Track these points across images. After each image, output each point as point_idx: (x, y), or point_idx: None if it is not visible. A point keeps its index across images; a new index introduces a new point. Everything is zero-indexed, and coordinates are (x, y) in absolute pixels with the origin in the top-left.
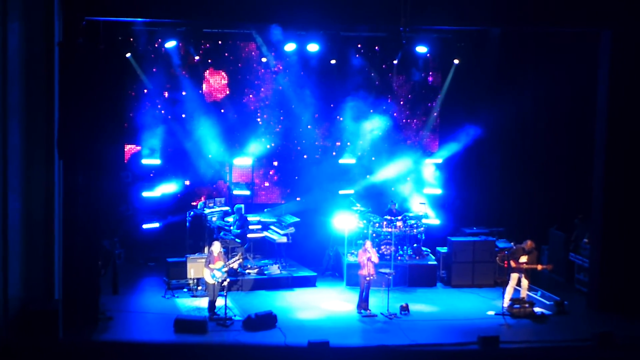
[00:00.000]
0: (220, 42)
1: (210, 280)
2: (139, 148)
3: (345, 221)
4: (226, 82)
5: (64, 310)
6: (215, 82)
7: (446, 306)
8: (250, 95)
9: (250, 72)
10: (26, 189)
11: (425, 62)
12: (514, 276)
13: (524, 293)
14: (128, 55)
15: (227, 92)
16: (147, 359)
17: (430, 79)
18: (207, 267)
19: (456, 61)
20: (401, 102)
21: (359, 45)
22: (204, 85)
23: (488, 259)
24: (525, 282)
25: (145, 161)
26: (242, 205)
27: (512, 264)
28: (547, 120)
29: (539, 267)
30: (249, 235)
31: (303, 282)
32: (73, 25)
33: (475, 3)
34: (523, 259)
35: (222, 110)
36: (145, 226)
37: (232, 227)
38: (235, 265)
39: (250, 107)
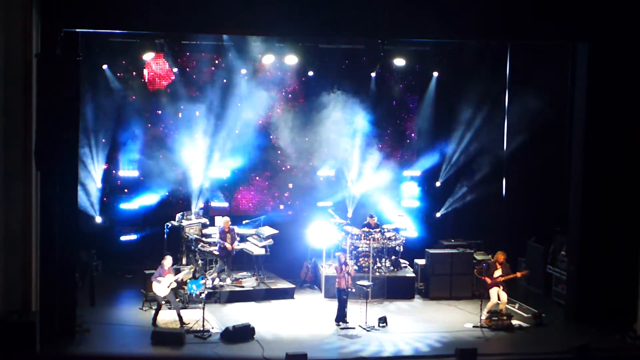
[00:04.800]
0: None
1: (160, 294)
2: (118, 160)
3: (323, 233)
4: (168, 67)
5: (41, 322)
6: (159, 67)
7: (424, 318)
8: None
9: (227, 85)
10: (3, 201)
11: (403, 74)
12: (493, 292)
13: (502, 306)
14: (105, 67)
15: (173, 78)
16: None
17: (408, 91)
18: (155, 280)
19: (435, 74)
20: (380, 115)
21: (338, 57)
22: (145, 71)
23: (466, 272)
24: (504, 296)
25: (123, 173)
26: (228, 218)
27: (488, 280)
28: (525, 132)
29: (518, 274)
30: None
31: (281, 294)
32: (51, 36)
33: (452, 16)
34: (497, 273)
35: (200, 124)
36: (122, 238)
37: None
38: (186, 278)
39: (229, 121)
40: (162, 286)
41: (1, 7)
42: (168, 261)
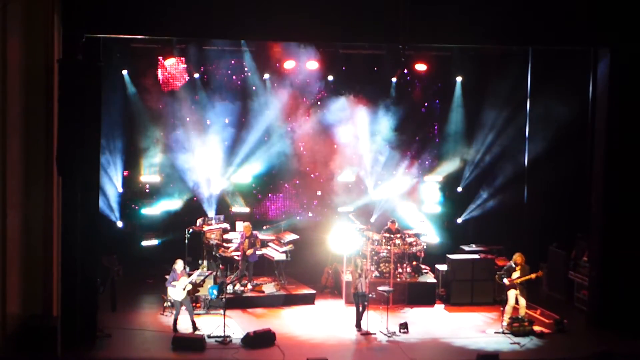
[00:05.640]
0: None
1: (177, 298)
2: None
3: (344, 239)
4: (184, 66)
5: (62, 327)
6: (172, 67)
7: (445, 324)
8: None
9: (249, 90)
10: (25, 206)
11: (426, 80)
12: (511, 294)
13: (522, 311)
14: (124, 72)
15: (186, 79)
16: None
17: (431, 96)
18: (170, 285)
19: (459, 78)
20: (402, 120)
21: (358, 62)
22: (159, 72)
23: (487, 277)
24: (522, 301)
25: (145, 178)
26: (248, 223)
27: (507, 281)
28: (546, 137)
29: (533, 276)
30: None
31: (302, 300)
32: (73, 41)
33: (473, 21)
34: (515, 274)
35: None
36: (144, 243)
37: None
38: (199, 279)
39: (250, 126)
40: (177, 290)
41: (23, 13)
42: (179, 265)
